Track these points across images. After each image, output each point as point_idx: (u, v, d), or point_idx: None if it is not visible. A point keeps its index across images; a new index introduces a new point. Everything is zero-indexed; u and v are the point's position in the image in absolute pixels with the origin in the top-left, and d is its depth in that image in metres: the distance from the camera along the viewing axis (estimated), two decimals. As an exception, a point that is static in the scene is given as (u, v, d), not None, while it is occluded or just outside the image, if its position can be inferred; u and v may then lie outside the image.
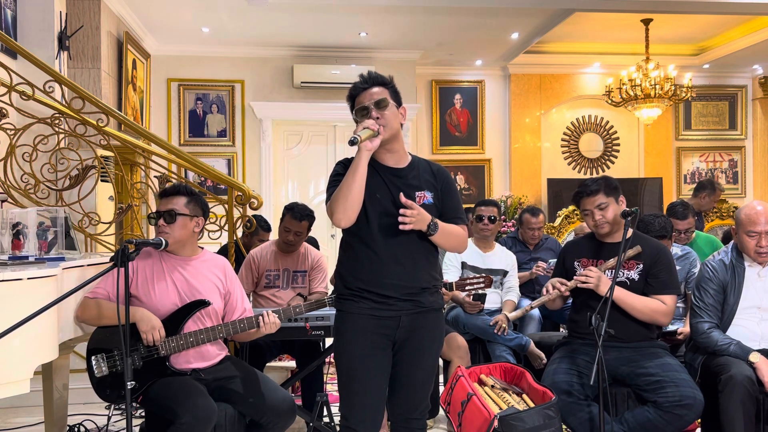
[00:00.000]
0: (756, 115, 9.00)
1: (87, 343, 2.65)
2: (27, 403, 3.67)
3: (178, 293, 2.68)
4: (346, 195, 2.17)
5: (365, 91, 2.27)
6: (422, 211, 2.21)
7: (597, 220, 2.90)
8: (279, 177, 7.82)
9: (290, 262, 3.83)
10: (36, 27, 4.54)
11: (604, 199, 2.88)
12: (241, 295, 2.86)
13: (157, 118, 7.48)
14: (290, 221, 3.74)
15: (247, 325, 2.65)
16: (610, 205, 2.88)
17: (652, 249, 2.91)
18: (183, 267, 2.74)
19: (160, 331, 2.56)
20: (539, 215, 4.57)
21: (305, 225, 3.76)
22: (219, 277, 2.80)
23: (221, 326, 2.66)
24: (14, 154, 3.69)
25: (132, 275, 2.65)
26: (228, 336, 2.69)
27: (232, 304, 2.82)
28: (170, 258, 2.74)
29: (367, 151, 2.17)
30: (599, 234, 2.96)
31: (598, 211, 2.89)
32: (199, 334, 2.63)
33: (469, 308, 3.73)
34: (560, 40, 7.73)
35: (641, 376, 2.73)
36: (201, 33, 6.97)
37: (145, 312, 2.59)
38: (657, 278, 2.88)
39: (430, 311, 2.32)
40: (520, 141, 8.46)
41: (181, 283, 2.70)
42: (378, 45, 7.52)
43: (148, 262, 2.71)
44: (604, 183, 2.91)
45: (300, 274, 3.83)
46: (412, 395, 2.34)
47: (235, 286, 2.85)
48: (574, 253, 3.04)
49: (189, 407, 2.40)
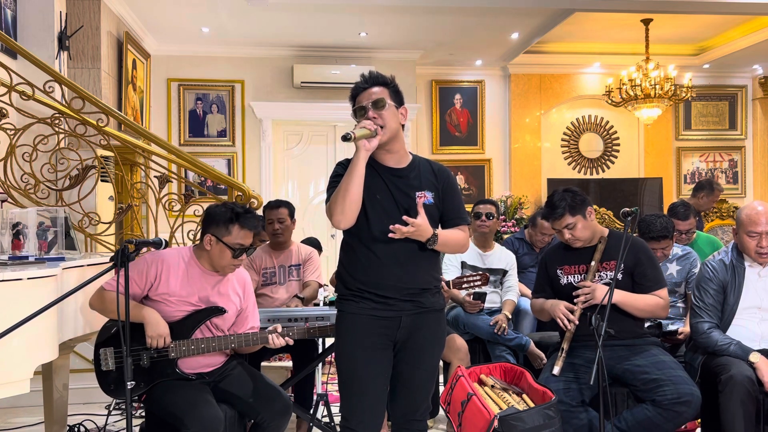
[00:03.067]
0: (756, 115, 8.99)
1: (93, 338, 2.65)
2: (27, 403, 3.67)
3: (197, 304, 2.65)
4: (345, 196, 2.16)
5: (365, 91, 2.27)
6: (423, 225, 2.19)
7: (568, 239, 2.93)
8: (279, 177, 7.82)
9: (284, 258, 3.91)
10: (36, 27, 4.54)
11: (570, 219, 2.87)
12: (253, 310, 2.85)
13: (157, 118, 7.48)
14: (270, 212, 3.89)
15: (260, 339, 2.66)
16: (578, 223, 2.88)
17: (630, 248, 2.85)
18: (212, 283, 2.70)
19: (165, 339, 2.55)
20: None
21: (284, 211, 3.88)
22: (239, 294, 2.78)
23: (233, 336, 2.65)
24: (14, 154, 3.69)
25: (156, 276, 2.61)
26: (239, 347, 2.69)
27: (242, 318, 2.81)
28: (206, 272, 2.68)
29: (365, 151, 2.17)
30: (574, 246, 2.97)
31: (568, 231, 2.90)
32: (211, 342, 2.62)
33: (469, 308, 3.73)
34: (560, 40, 7.73)
35: (637, 374, 2.73)
36: (201, 33, 6.97)
37: (156, 316, 2.56)
38: (645, 276, 2.88)
39: (431, 312, 2.32)
40: (520, 141, 8.46)
41: (204, 297, 2.66)
42: (378, 45, 7.52)
43: (181, 266, 2.65)
44: (569, 203, 2.87)
45: (294, 268, 3.92)
46: (413, 396, 2.34)
47: (249, 302, 2.83)
48: (555, 261, 3.02)
49: (196, 418, 2.40)
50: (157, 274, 2.61)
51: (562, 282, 2.97)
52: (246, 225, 2.62)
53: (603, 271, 2.91)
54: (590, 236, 2.93)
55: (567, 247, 3.00)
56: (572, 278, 2.95)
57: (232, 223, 2.60)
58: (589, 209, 2.92)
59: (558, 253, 3.06)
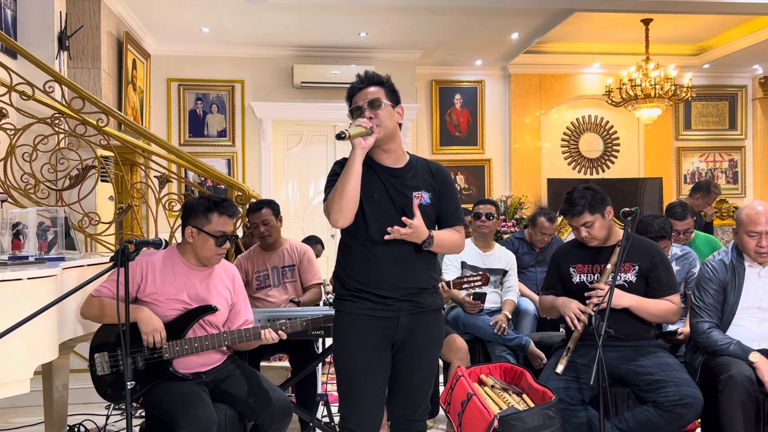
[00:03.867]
0: (756, 115, 8.99)
1: (91, 340, 2.65)
2: (27, 403, 3.67)
3: (187, 301, 2.66)
4: (341, 194, 2.16)
5: (361, 91, 2.27)
6: (420, 226, 2.19)
7: (584, 237, 2.91)
8: (279, 177, 7.82)
9: (276, 259, 3.79)
10: (36, 27, 4.54)
11: (589, 218, 2.86)
12: (245, 305, 2.85)
13: (157, 118, 7.48)
14: (251, 216, 3.72)
15: (253, 335, 2.65)
16: (596, 222, 2.86)
17: (645, 251, 2.89)
18: (200, 278, 2.71)
19: (161, 334, 2.56)
20: (555, 221, 4.50)
21: (267, 212, 3.70)
22: (228, 288, 2.78)
23: (226, 334, 2.65)
24: (14, 154, 3.69)
25: (142, 277, 2.62)
26: (232, 344, 2.69)
27: (235, 313, 2.81)
28: (190, 268, 2.70)
29: (360, 149, 2.17)
30: (590, 245, 2.96)
31: (585, 229, 2.88)
32: (204, 341, 2.62)
33: (469, 308, 3.73)
34: (560, 40, 7.73)
35: (640, 375, 2.73)
36: (201, 33, 6.97)
37: (148, 313, 2.57)
38: (659, 281, 2.88)
39: (429, 311, 2.32)
40: (520, 141, 8.46)
41: (193, 293, 2.67)
42: (378, 45, 7.52)
43: (167, 265, 2.67)
44: (589, 201, 2.85)
45: (288, 269, 3.79)
46: (412, 396, 2.33)
47: (240, 296, 2.83)
48: (569, 260, 3.01)
49: (190, 419, 2.40)
50: (143, 274, 2.62)
51: (575, 280, 2.95)
52: (224, 212, 2.64)
53: (620, 273, 2.89)
54: (606, 236, 2.91)
55: (581, 245, 2.98)
56: (585, 277, 2.94)
57: (211, 211, 2.62)
58: (608, 209, 2.90)
59: (572, 251, 3.03)
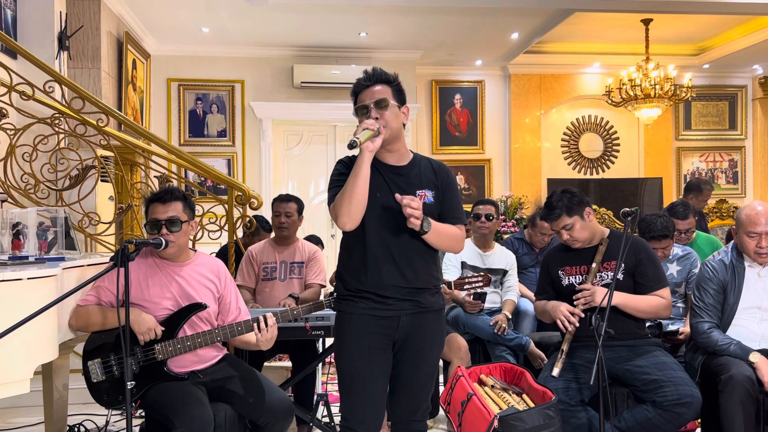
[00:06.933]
0: (756, 115, 9.00)
1: (83, 346, 2.64)
2: (27, 403, 3.66)
3: (174, 299, 2.66)
4: (350, 198, 2.15)
5: (367, 88, 2.26)
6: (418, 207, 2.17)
7: (566, 240, 2.93)
8: (279, 177, 7.82)
9: (287, 254, 3.86)
10: (36, 27, 4.54)
11: (568, 220, 2.88)
12: (236, 297, 2.84)
13: (157, 118, 7.48)
14: (278, 205, 3.89)
15: (245, 328, 2.63)
16: (575, 224, 2.88)
17: (630, 248, 2.85)
18: (178, 272, 2.70)
19: (156, 329, 2.55)
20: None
21: (293, 206, 3.87)
22: (213, 281, 2.77)
23: (218, 329, 2.64)
24: (14, 154, 3.69)
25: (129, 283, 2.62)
26: (225, 339, 2.68)
27: (225, 307, 2.79)
28: (165, 264, 2.70)
29: (368, 152, 2.15)
30: (573, 247, 2.97)
31: (566, 232, 2.91)
32: (196, 338, 2.61)
33: (469, 308, 3.73)
34: (560, 40, 7.73)
35: (638, 375, 2.73)
36: (201, 33, 6.97)
37: (137, 313, 2.55)
38: (646, 276, 2.88)
39: (430, 312, 2.31)
40: (520, 141, 8.46)
41: (177, 289, 2.67)
42: (378, 45, 7.52)
43: (142, 268, 2.67)
44: (566, 204, 2.88)
45: (297, 265, 3.86)
46: (413, 396, 2.33)
47: (230, 289, 2.82)
48: (557, 263, 3.02)
49: (186, 418, 2.39)
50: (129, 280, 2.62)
51: (564, 283, 2.97)
52: (156, 200, 2.68)
53: (604, 272, 2.91)
54: (589, 237, 2.93)
55: (568, 248, 2.99)
56: (573, 279, 2.95)
57: (147, 206, 2.72)
58: (587, 210, 2.92)
59: (559, 254, 3.06)
